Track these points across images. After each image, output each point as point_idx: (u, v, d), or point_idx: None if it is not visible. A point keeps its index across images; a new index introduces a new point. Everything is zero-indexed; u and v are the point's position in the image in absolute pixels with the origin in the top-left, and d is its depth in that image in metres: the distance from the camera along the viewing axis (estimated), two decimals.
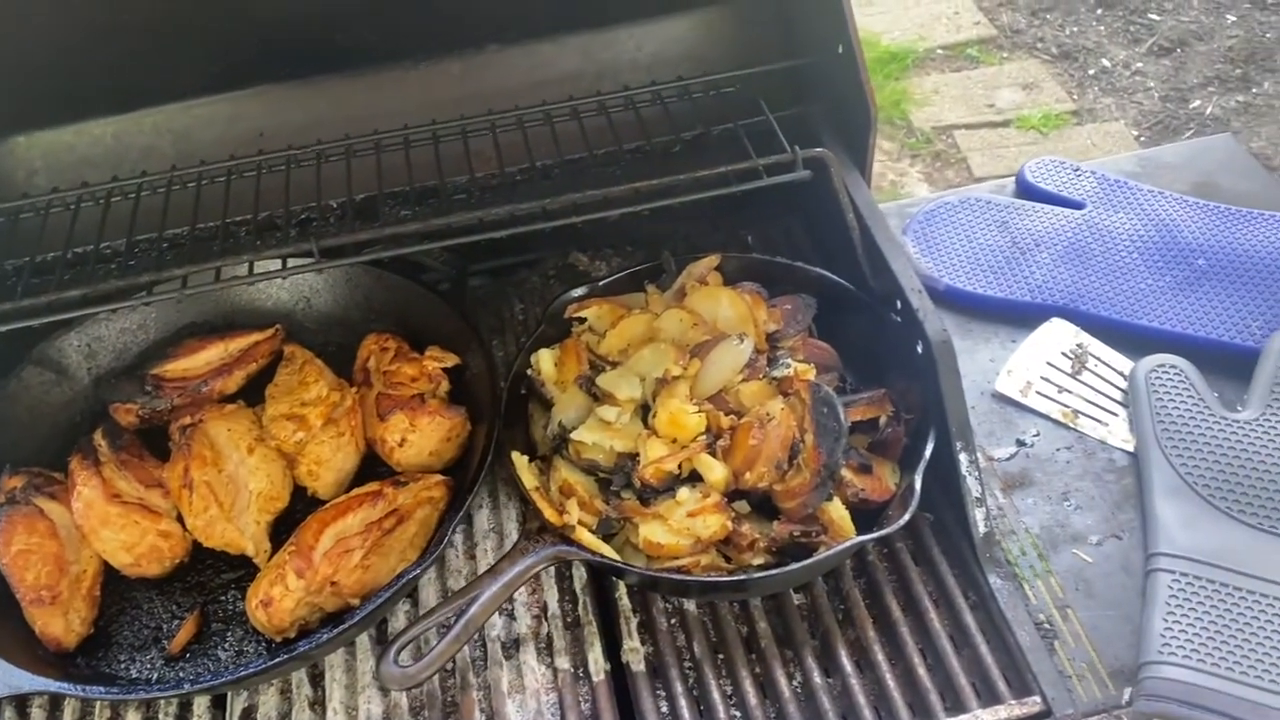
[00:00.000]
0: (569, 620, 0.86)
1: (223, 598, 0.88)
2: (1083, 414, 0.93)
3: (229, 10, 1.00)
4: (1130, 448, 0.90)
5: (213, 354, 1.00)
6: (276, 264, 0.93)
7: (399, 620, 0.87)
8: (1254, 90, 3.11)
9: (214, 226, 0.99)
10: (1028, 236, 1.06)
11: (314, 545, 0.82)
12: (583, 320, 0.98)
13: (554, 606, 0.86)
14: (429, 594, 0.88)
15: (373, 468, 0.94)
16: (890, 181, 2.96)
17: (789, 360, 0.88)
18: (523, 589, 0.87)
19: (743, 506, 0.84)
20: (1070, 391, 0.94)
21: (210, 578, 0.90)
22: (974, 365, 0.99)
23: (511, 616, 0.86)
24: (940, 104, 3.15)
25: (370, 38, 1.08)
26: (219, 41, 1.04)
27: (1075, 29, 3.37)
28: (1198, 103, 3.10)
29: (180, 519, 0.89)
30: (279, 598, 0.81)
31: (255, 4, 1.00)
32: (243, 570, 0.88)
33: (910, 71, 3.27)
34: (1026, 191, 1.13)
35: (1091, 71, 3.23)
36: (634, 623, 0.85)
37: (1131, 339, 0.97)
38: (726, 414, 0.86)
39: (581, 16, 1.11)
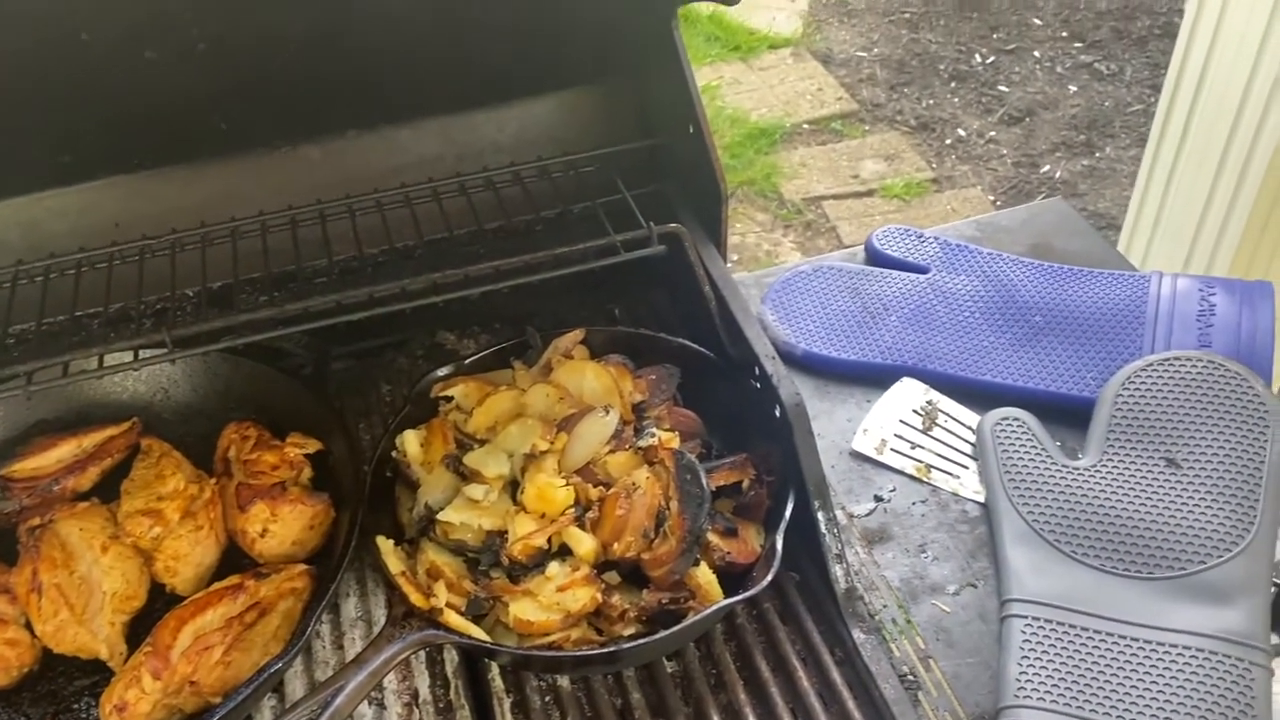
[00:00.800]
0: (441, 705, 0.84)
1: (75, 706, 0.84)
2: (935, 468, 0.96)
3: (79, 100, 0.98)
4: (981, 498, 0.94)
5: (65, 451, 0.97)
6: (129, 356, 0.91)
7: (265, 716, 0.84)
8: (1097, 155, 3.31)
9: (63, 320, 0.97)
10: (877, 301, 1.11)
11: (171, 644, 0.80)
12: (449, 399, 0.98)
13: (425, 692, 0.85)
14: (295, 687, 0.86)
15: (235, 560, 0.92)
16: (766, 251, 3.05)
17: (654, 429, 0.90)
18: (393, 675, 0.85)
19: (613, 577, 0.84)
20: (923, 447, 0.98)
21: (62, 685, 0.86)
22: (832, 426, 1.02)
23: (381, 705, 0.84)
24: (809, 176, 3.27)
25: (226, 125, 1.08)
26: (68, 132, 1.02)
27: (931, 102, 3.55)
28: (1047, 167, 3.28)
29: (29, 625, 0.85)
30: (134, 701, 0.78)
31: (106, 94, 1.00)
32: (97, 675, 0.85)
33: (779, 145, 3.39)
34: (875, 258, 1.18)
35: (948, 141, 3.40)
36: (507, 703, 0.84)
37: (977, 394, 1.02)
38: (595, 485, 0.87)
39: (442, 101, 1.13)
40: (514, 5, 1.04)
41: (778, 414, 0.88)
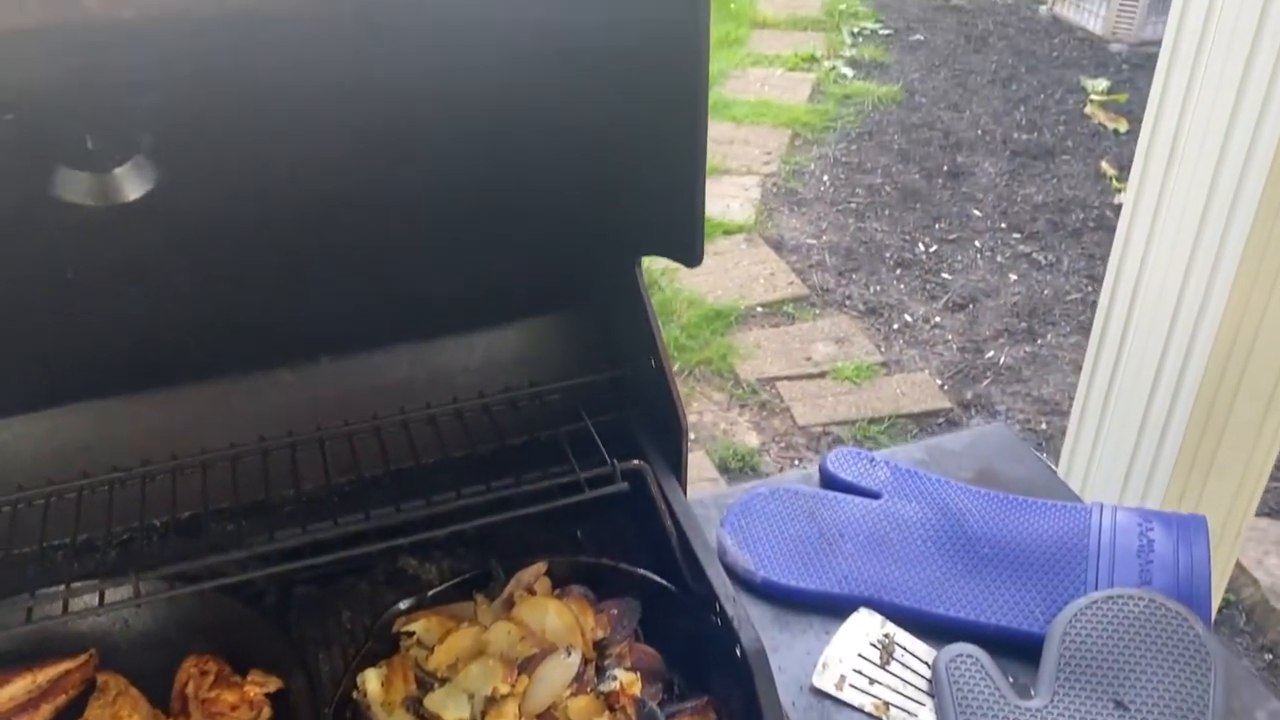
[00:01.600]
0: None
1: None
2: (894, 705, 0.98)
3: (55, 330, 1.01)
4: None
5: (18, 688, 0.95)
6: (94, 598, 0.91)
7: None
8: (1039, 341, 3.43)
9: (29, 551, 0.97)
10: (833, 527, 1.14)
11: None
12: (411, 634, 0.98)
13: None
14: None
15: None
16: (723, 430, 3.10)
17: (615, 673, 0.91)
18: None
19: None
20: (881, 683, 1.00)
21: None
22: (792, 658, 1.04)
23: None
24: (763, 357, 3.36)
25: (202, 353, 1.11)
26: (40, 358, 1.05)
27: (878, 287, 3.69)
28: (991, 353, 3.40)
29: None
30: None
31: (84, 325, 1.03)
32: None
33: (734, 327, 3.49)
34: (830, 481, 1.22)
35: (896, 326, 3.51)
36: None
37: (932, 627, 1.04)
38: None
39: (414, 328, 1.17)
40: (482, 240, 1.09)
41: (739, 654, 0.89)
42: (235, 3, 0.76)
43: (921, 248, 3.85)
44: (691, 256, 0.91)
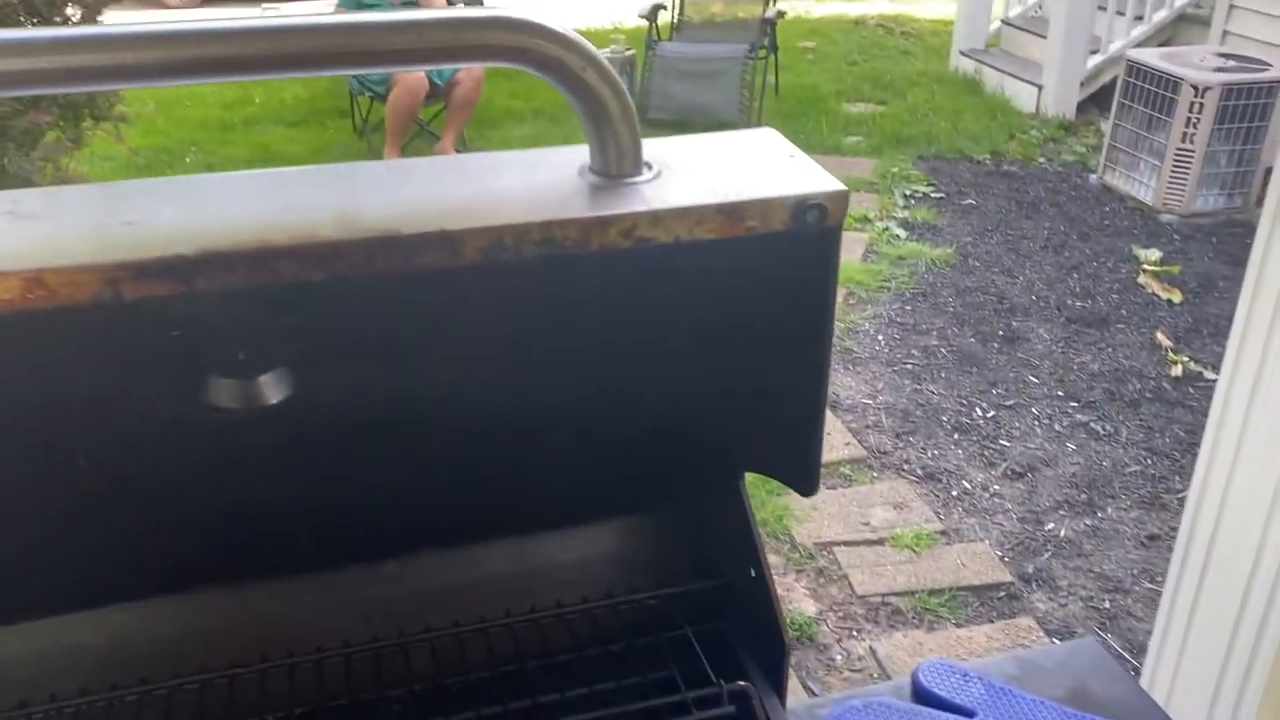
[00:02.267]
0: None
1: None
2: None
3: (173, 515, 1.05)
4: None
5: None
6: None
7: None
8: (1099, 515, 3.40)
9: None
10: None
11: None
12: None
13: None
14: None
15: None
16: (780, 596, 3.06)
17: None
18: None
19: None
20: None
21: None
22: None
23: None
24: (820, 520, 3.35)
25: (312, 542, 1.14)
26: (157, 547, 1.09)
27: (936, 452, 3.69)
28: (1051, 525, 3.36)
29: None
30: None
31: (202, 511, 1.07)
32: None
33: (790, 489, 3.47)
34: (922, 695, 1.21)
35: (954, 493, 3.50)
36: None
37: None
38: None
39: (513, 522, 1.21)
40: (587, 439, 1.13)
41: None
42: (379, 233, 0.81)
43: (979, 412, 3.86)
44: (807, 485, 0.94)
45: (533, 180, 0.80)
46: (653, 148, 0.83)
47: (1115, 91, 5.71)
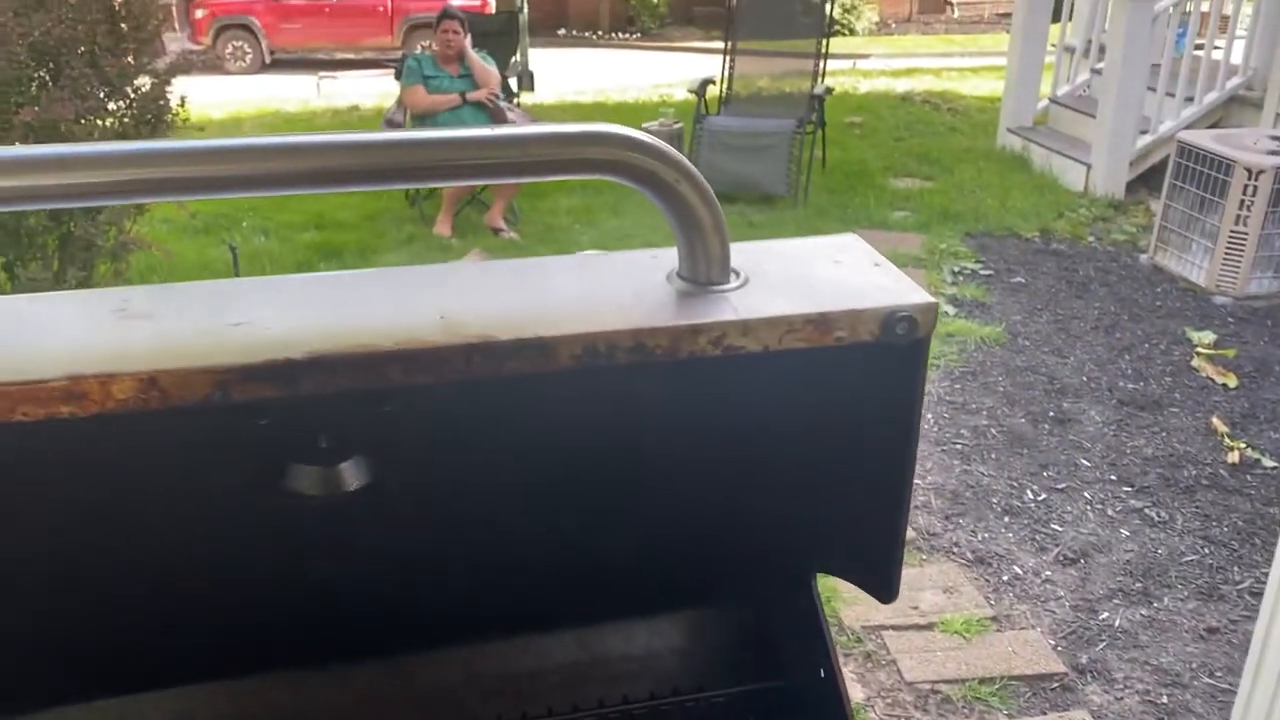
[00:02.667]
0: None
1: None
2: None
3: (249, 595, 1.06)
4: None
5: None
6: None
7: None
8: (1155, 605, 3.33)
9: None
10: None
11: None
12: None
13: None
14: None
15: None
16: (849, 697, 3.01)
17: None
18: None
19: None
20: None
21: None
22: None
23: None
24: (868, 602, 3.28)
25: (382, 626, 1.15)
26: (229, 625, 1.10)
27: (986, 535, 3.64)
28: (1106, 614, 3.29)
29: None
30: None
31: (264, 594, 1.08)
32: None
33: None
34: None
35: (1005, 577, 3.44)
36: None
37: None
38: None
39: (578, 611, 1.21)
40: (657, 530, 1.13)
41: None
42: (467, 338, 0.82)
43: (1030, 495, 3.81)
44: (885, 593, 0.93)
45: (622, 285, 0.82)
46: (739, 253, 0.84)
47: (1166, 172, 5.70)
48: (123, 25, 4.11)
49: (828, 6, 7.29)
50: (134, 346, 0.71)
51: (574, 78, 14.46)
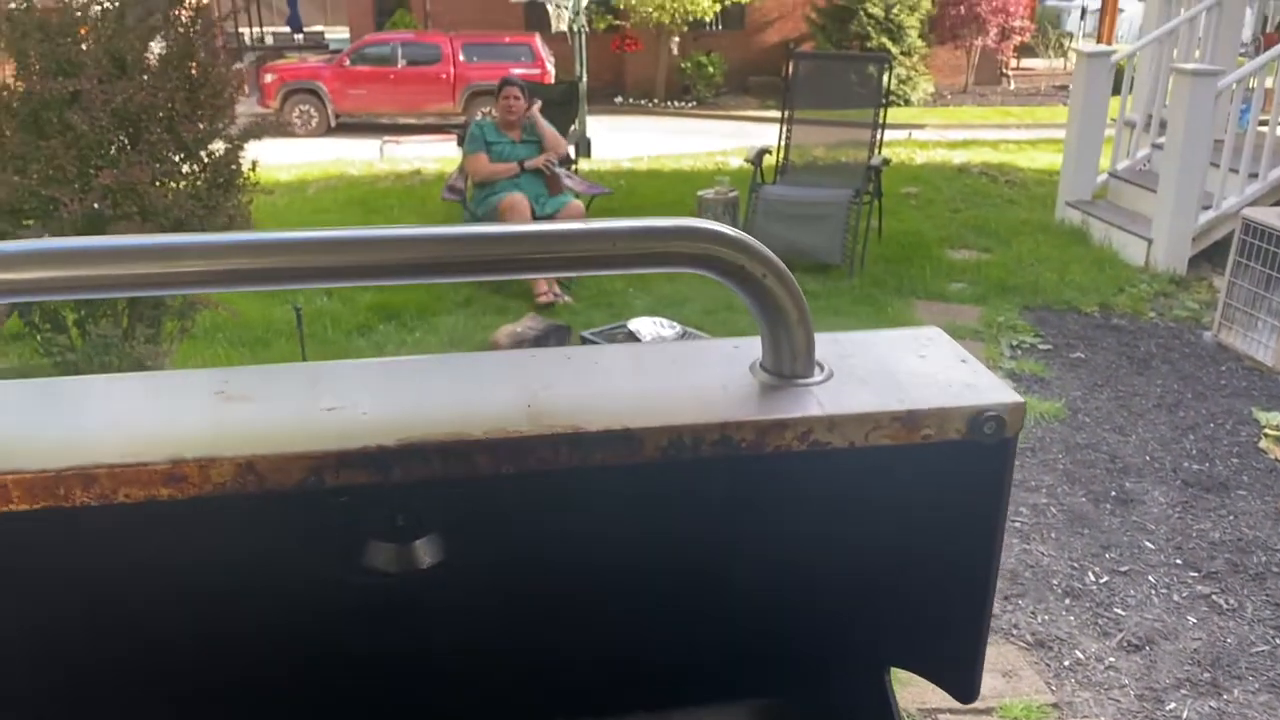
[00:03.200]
0: None
1: None
2: None
3: (322, 667, 1.07)
4: None
5: None
6: None
7: None
8: (1225, 697, 3.21)
9: None
10: None
11: None
12: None
13: None
14: None
15: None
16: None
17: None
18: None
19: None
20: None
21: None
22: None
23: None
24: (925, 685, 3.20)
25: (447, 705, 1.15)
26: (306, 698, 1.10)
27: (1047, 617, 3.55)
28: (1173, 705, 3.18)
29: None
30: None
31: (335, 670, 1.08)
32: None
33: None
34: None
35: (1067, 663, 3.35)
36: None
37: None
38: None
39: (643, 696, 1.19)
40: (727, 618, 1.12)
41: None
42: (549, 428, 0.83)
43: (1091, 577, 3.72)
44: (965, 692, 0.91)
45: (706, 375, 0.82)
46: (821, 343, 0.84)
47: (1230, 248, 5.62)
48: (200, 93, 4.25)
49: (885, 78, 7.34)
50: (233, 430, 0.73)
51: (630, 144, 14.66)
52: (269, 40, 26.73)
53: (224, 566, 0.82)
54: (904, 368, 0.83)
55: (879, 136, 7.18)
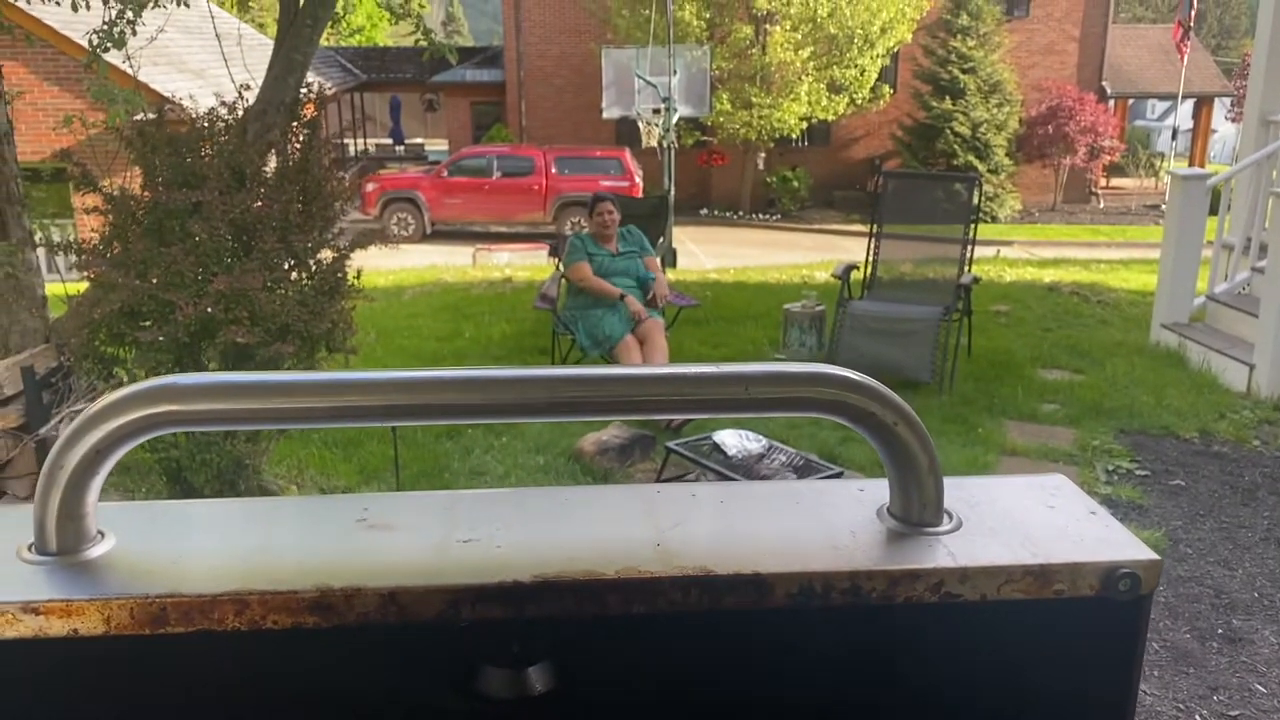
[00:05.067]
0: None
1: None
2: None
3: None
4: None
5: None
6: None
7: None
8: None
9: None
10: None
11: None
12: None
13: None
14: None
15: None
16: None
17: None
18: None
19: None
20: None
21: None
22: None
23: None
24: None
25: None
26: None
27: None
28: None
29: None
30: None
31: None
32: None
33: None
34: None
35: None
36: None
37: None
38: None
39: None
40: None
41: None
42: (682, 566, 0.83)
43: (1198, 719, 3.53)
44: None
45: (833, 519, 0.83)
46: (946, 488, 0.84)
47: None
48: (313, 205, 4.45)
49: (975, 197, 7.37)
50: (376, 559, 0.75)
51: (715, 255, 14.85)
52: (371, 151, 27.97)
53: (351, 692, 0.84)
54: (1034, 519, 0.83)
55: (969, 253, 7.17)
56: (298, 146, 4.57)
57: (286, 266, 4.50)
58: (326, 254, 4.65)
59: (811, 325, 7.58)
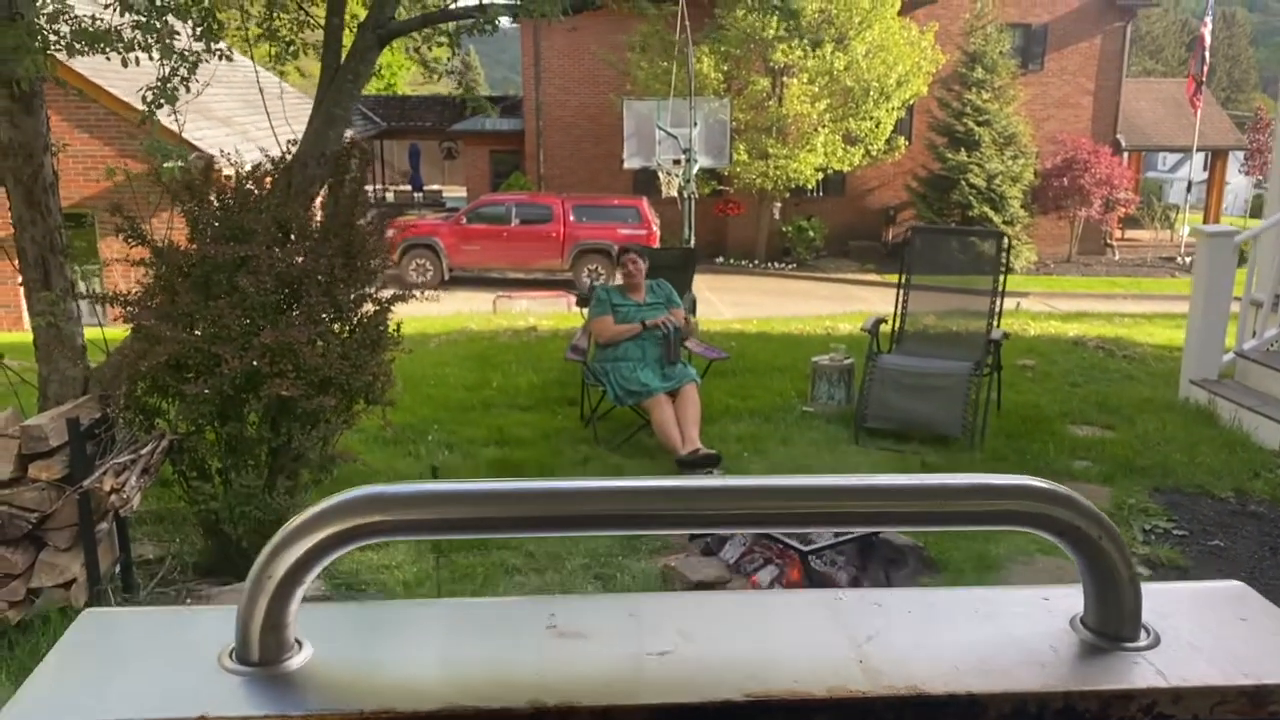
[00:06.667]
0: None
1: None
2: None
3: None
4: None
5: None
6: None
7: None
8: None
9: None
10: None
11: None
12: None
13: None
14: None
15: None
16: None
17: None
18: None
19: None
20: None
21: None
22: None
23: None
24: None
25: None
26: None
27: None
28: None
29: None
30: None
31: None
32: None
33: None
34: None
35: None
36: None
37: None
38: None
39: None
40: None
41: None
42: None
43: None
44: None
45: (1026, 631, 0.81)
46: None
47: None
48: (356, 260, 4.48)
49: (1002, 255, 7.38)
50: (578, 672, 0.74)
51: (733, 304, 14.87)
52: (389, 197, 28.21)
53: None
54: (1231, 632, 0.81)
55: (999, 307, 7.17)
56: (345, 201, 4.61)
57: (327, 319, 4.52)
58: (368, 307, 4.67)
59: (840, 379, 7.57)
